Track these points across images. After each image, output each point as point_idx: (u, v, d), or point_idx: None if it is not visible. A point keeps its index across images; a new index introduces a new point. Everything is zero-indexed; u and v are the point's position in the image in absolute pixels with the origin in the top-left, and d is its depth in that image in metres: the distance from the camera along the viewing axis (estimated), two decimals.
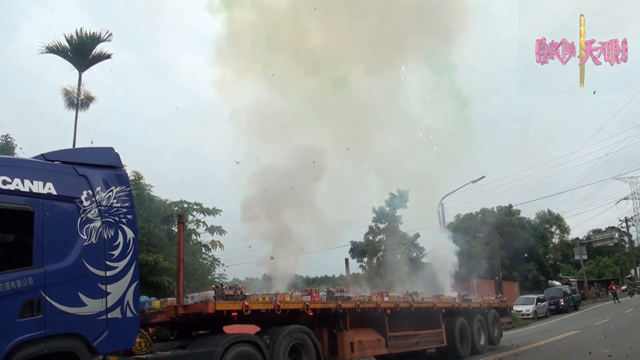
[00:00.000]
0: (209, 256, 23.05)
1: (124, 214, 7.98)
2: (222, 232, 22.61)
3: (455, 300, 17.23)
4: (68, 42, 23.75)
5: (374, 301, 13.43)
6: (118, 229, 7.81)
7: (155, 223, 19.32)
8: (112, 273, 7.58)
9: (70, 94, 24.41)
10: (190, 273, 19.10)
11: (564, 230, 78.64)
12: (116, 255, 7.69)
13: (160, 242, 19.45)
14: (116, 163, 8.35)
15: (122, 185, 8.14)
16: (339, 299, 12.18)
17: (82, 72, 24.23)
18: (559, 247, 76.65)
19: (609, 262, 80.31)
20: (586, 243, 72.10)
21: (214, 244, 22.93)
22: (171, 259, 17.69)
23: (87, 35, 23.77)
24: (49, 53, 23.94)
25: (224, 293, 9.72)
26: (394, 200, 37.65)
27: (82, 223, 7.38)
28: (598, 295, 60.99)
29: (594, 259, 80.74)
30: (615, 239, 74.29)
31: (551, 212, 75.43)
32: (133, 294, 7.81)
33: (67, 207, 7.34)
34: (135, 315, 7.82)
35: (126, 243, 7.86)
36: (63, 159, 7.72)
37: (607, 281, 65.94)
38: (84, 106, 24.58)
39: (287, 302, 10.99)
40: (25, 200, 6.89)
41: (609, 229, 76.05)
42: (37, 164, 7.41)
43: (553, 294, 44.41)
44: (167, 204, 21.53)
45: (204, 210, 22.29)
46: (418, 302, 15.00)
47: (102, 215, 7.67)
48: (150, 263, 17.40)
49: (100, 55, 24.46)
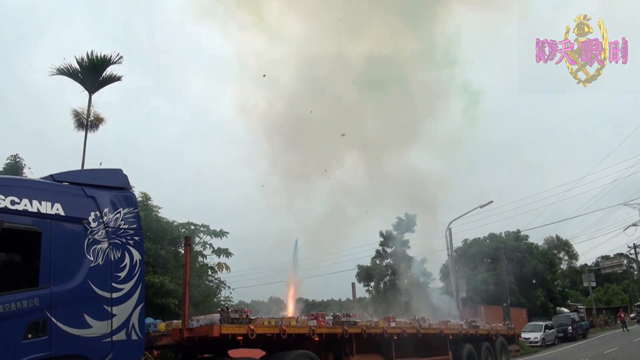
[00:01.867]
0: (215, 278, 22.98)
1: (131, 236, 7.97)
2: (229, 254, 22.58)
3: (462, 326, 17.05)
4: (79, 64, 23.93)
5: (380, 326, 13.29)
6: (125, 251, 7.80)
7: (162, 244, 19.30)
8: (118, 295, 7.54)
9: (80, 115, 24.55)
10: (196, 295, 19.02)
11: (572, 256, 77.96)
12: (122, 277, 7.66)
13: (167, 263, 19.41)
14: (124, 184, 8.37)
15: (129, 206, 8.14)
16: (345, 323, 12.05)
17: (92, 93, 24.39)
18: (567, 273, 75.96)
19: (618, 290, 79.55)
20: (594, 270, 71.41)
21: (220, 266, 22.89)
22: (177, 280, 17.64)
23: (98, 58, 23.94)
24: (59, 75, 24.13)
25: (230, 316, 9.64)
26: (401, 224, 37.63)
27: (89, 244, 7.37)
28: (606, 323, 60.31)
29: (603, 286, 80.00)
30: (623, 266, 73.56)
31: (559, 238, 74.88)
32: (139, 316, 7.77)
33: (74, 228, 7.33)
34: (140, 337, 7.77)
35: (133, 265, 7.84)
36: (71, 180, 7.74)
37: (615, 309, 65.23)
38: (94, 127, 24.71)
39: (292, 327, 10.88)
40: (33, 221, 6.89)
41: (618, 255, 75.36)
42: (46, 184, 7.43)
43: (561, 321, 43.89)
44: (175, 226, 21.51)
45: (211, 232, 22.27)
46: (425, 328, 14.83)
47: (109, 236, 7.66)
48: (157, 285, 17.34)
49: (110, 78, 24.62)
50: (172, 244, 21.04)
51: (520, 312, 45.62)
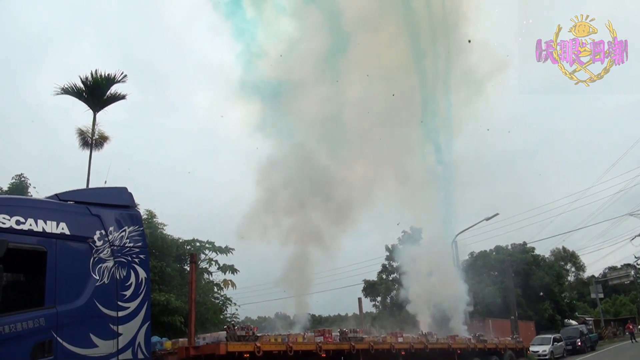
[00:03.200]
0: (221, 295, 22.88)
1: (137, 254, 7.95)
2: (235, 270, 22.50)
3: (470, 340, 16.93)
4: (83, 83, 24.00)
5: (388, 342, 13.22)
6: (130, 269, 7.77)
7: (167, 262, 19.27)
8: (123, 313, 7.51)
9: (85, 134, 24.60)
10: (202, 313, 18.93)
11: (579, 267, 77.51)
12: (128, 296, 7.63)
13: (172, 281, 19.36)
14: (129, 202, 8.36)
15: (134, 224, 8.14)
16: (352, 339, 11.99)
17: (96, 112, 24.45)
18: (574, 285, 75.48)
19: (626, 301, 78.92)
20: (602, 281, 70.95)
21: (226, 283, 22.79)
22: (183, 298, 17.57)
23: (102, 77, 24.02)
24: (64, 94, 24.21)
25: (236, 334, 9.60)
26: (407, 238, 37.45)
27: (94, 263, 7.36)
28: (615, 334, 59.76)
29: (610, 297, 79.41)
30: (631, 277, 73.07)
31: (566, 250, 74.51)
32: (145, 334, 7.72)
33: (79, 247, 7.32)
34: (146, 356, 7.72)
35: (138, 283, 7.81)
36: (76, 199, 7.74)
37: (623, 320, 64.64)
38: (98, 146, 24.74)
39: (299, 343, 10.83)
40: (39, 240, 6.89)
41: (625, 266, 74.90)
42: (51, 204, 7.43)
43: (570, 333, 43.50)
44: (180, 243, 21.48)
45: (216, 248, 22.21)
46: (433, 342, 14.74)
47: (115, 255, 7.64)
48: (162, 303, 17.27)
49: (114, 96, 24.68)
50: (178, 261, 21.01)
51: (528, 325, 45.24)
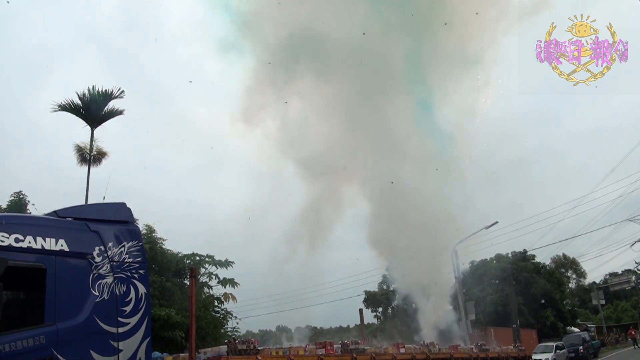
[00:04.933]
0: (222, 309, 22.83)
1: (136, 269, 7.93)
2: (235, 284, 22.48)
3: (472, 350, 16.86)
4: (80, 99, 24.07)
5: (389, 353, 13.16)
6: (130, 285, 7.76)
7: (167, 276, 19.25)
8: (124, 329, 7.48)
9: (83, 150, 24.63)
10: (203, 327, 18.89)
11: (580, 274, 77.47)
12: (128, 311, 7.61)
13: (173, 295, 19.32)
14: (128, 218, 8.37)
15: (134, 240, 8.13)
16: (353, 351, 11.94)
17: (94, 128, 24.48)
18: (575, 292, 75.40)
19: (627, 306, 78.76)
20: (603, 287, 70.82)
21: (226, 296, 22.76)
22: (183, 312, 17.54)
23: (99, 93, 24.09)
24: (61, 111, 24.24)
25: (237, 347, 9.56)
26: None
27: (94, 279, 7.34)
28: (617, 341, 59.61)
29: (612, 303, 79.28)
30: (632, 282, 72.95)
31: (566, 257, 74.52)
32: (145, 350, 7.69)
33: (79, 264, 7.30)
34: None
35: (138, 298, 7.79)
36: (75, 216, 7.72)
37: (626, 326, 64.50)
38: (96, 162, 24.77)
39: (301, 356, 10.79)
40: (38, 258, 6.87)
41: (625, 272, 74.81)
42: (49, 221, 7.42)
43: (572, 341, 43.33)
44: (180, 257, 21.47)
45: (216, 262, 22.20)
46: (435, 353, 14.67)
47: (114, 270, 7.62)
48: (163, 318, 17.24)
49: (112, 112, 24.72)
50: (178, 276, 20.99)
51: (530, 333, 45.12)
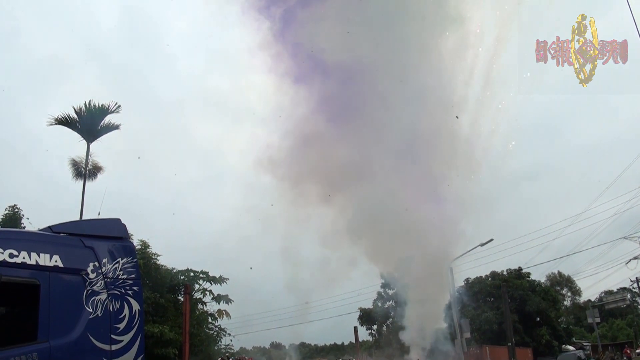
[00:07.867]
0: (215, 326, 22.72)
1: (130, 286, 7.89)
2: (229, 300, 22.39)
3: None
4: (77, 114, 24.08)
5: None
6: (124, 301, 7.71)
7: (161, 293, 19.14)
8: (117, 347, 7.42)
9: (79, 165, 24.60)
10: (196, 344, 18.76)
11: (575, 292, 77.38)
12: (121, 329, 7.55)
13: (166, 312, 19.21)
14: (123, 234, 8.33)
15: (128, 256, 8.09)
16: None
17: (90, 143, 24.48)
18: (571, 310, 75.27)
19: (623, 325, 78.59)
20: (598, 305, 70.70)
21: (220, 313, 22.67)
22: (177, 329, 17.44)
23: (96, 107, 24.13)
24: (57, 125, 24.24)
25: None
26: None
27: (87, 296, 7.29)
28: (613, 359, 59.40)
29: (607, 322, 79.11)
30: (627, 300, 72.85)
31: (562, 274, 74.48)
32: None
33: (73, 280, 7.26)
34: None
35: (132, 315, 7.74)
36: (70, 231, 7.69)
37: (621, 345, 64.29)
38: (92, 176, 24.73)
39: None
40: (31, 274, 6.83)
41: (621, 290, 74.77)
42: (44, 236, 7.39)
43: (568, 359, 43.24)
44: (174, 273, 21.39)
45: (210, 278, 22.13)
46: None
47: (108, 287, 7.58)
48: (156, 334, 17.11)
49: (108, 126, 24.73)
50: (172, 292, 20.88)
51: (525, 352, 44.93)
